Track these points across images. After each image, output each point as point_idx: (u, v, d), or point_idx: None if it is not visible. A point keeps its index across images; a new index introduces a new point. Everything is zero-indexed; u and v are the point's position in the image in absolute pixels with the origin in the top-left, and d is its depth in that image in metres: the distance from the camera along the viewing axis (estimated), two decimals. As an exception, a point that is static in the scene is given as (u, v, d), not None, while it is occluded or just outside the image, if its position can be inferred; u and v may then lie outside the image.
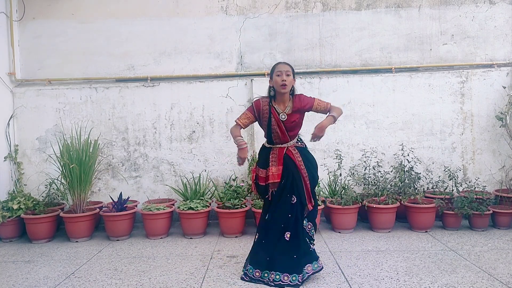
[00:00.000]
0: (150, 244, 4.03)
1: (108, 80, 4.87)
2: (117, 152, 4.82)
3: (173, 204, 4.45)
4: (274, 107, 3.06)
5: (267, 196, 3.08)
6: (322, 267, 3.00)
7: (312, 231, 3.11)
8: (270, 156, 3.08)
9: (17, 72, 4.82)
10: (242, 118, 3.12)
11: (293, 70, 3.06)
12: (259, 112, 3.08)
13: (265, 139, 3.21)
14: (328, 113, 3.09)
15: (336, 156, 4.53)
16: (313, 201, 3.09)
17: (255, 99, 3.17)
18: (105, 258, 3.62)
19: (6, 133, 4.70)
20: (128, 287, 2.96)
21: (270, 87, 3.09)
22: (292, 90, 3.08)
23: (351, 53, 4.82)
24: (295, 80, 3.10)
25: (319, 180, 4.44)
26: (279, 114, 3.03)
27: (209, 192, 4.65)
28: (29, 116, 4.81)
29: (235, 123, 3.13)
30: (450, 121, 4.69)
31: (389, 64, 4.79)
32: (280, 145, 3.08)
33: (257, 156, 3.40)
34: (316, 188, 4.37)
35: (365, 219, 4.42)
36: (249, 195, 4.37)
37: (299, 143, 3.16)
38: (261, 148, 3.24)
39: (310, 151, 3.19)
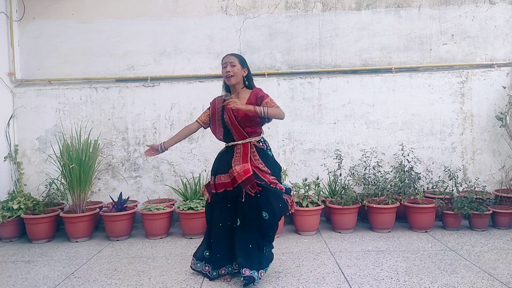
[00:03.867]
0: (150, 244, 4.03)
1: (108, 80, 4.87)
2: (117, 152, 4.82)
3: (173, 204, 4.45)
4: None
5: (243, 200, 2.85)
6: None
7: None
8: (234, 156, 2.92)
9: (17, 72, 4.82)
10: (201, 116, 3.19)
11: (241, 59, 3.00)
12: (214, 111, 3.07)
13: (224, 143, 3.08)
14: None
15: (336, 156, 4.53)
16: (280, 185, 2.97)
17: (212, 100, 3.19)
18: (105, 258, 3.62)
19: (6, 133, 4.70)
20: (128, 287, 2.96)
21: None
22: (249, 83, 3.04)
23: (351, 53, 4.81)
24: (247, 70, 3.01)
25: (319, 180, 4.49)
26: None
27: (209, 192, 4.65)
28: (29, 116, 4.81)
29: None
30: (450, 121, 4.69)
31: (389, 64, 4.79)
32: (242, 141, 2.94)
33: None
34: (316, 188, 4.38)
35: (365, 219, 4.41)
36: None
37: (261, 143, 3.00)
38: (220, 152, 3.10)
39: (273, 155, 3.09)
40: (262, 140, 3.04)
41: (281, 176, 3.15)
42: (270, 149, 3.09)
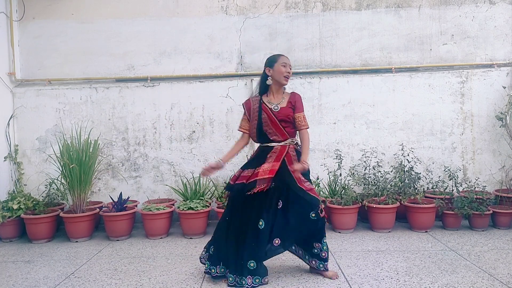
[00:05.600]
0: (150, 244, 4.03)
1: (108, 80, 4.87)
2: (117, 152, 4.82)
3: (173, 204, 4.45)
4: (265, 103, 2.97)
5: (249, 192, 2.81)
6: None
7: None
8: (269, 154, 2.91)
9: (17, 72, 4.82)
10: (242, 124, 3.09)
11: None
12: (250, 112, 3.00)
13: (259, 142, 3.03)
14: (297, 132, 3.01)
15: (336, 156, 4.53)
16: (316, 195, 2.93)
17: (244, 101, 3.09)
18: (105, 258, 3.62)
19: (6, 133, 4.70)
20: (128, 287, 2.96)
21: (266, 76, 2.96)
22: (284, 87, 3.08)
23: (351, 53, 4.81)
24: None
25: (319, 180, 4.49)
26: (271, 106, 2.94)
27: (209, 192, 4.65)
28: (29, 116, 4.81)
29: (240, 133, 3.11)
30: (450, 121, 4.69)
31: (389, 64, 4.79)
32: (282, 143, 2.93)
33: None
34: (316, 188, 4.38)
35: (365, 219, 4.41)
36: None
37: (298, 146, 3.01)
38: (258, 149, 3.04)
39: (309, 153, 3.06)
40: (297, 143, 3.04)
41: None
42: None
